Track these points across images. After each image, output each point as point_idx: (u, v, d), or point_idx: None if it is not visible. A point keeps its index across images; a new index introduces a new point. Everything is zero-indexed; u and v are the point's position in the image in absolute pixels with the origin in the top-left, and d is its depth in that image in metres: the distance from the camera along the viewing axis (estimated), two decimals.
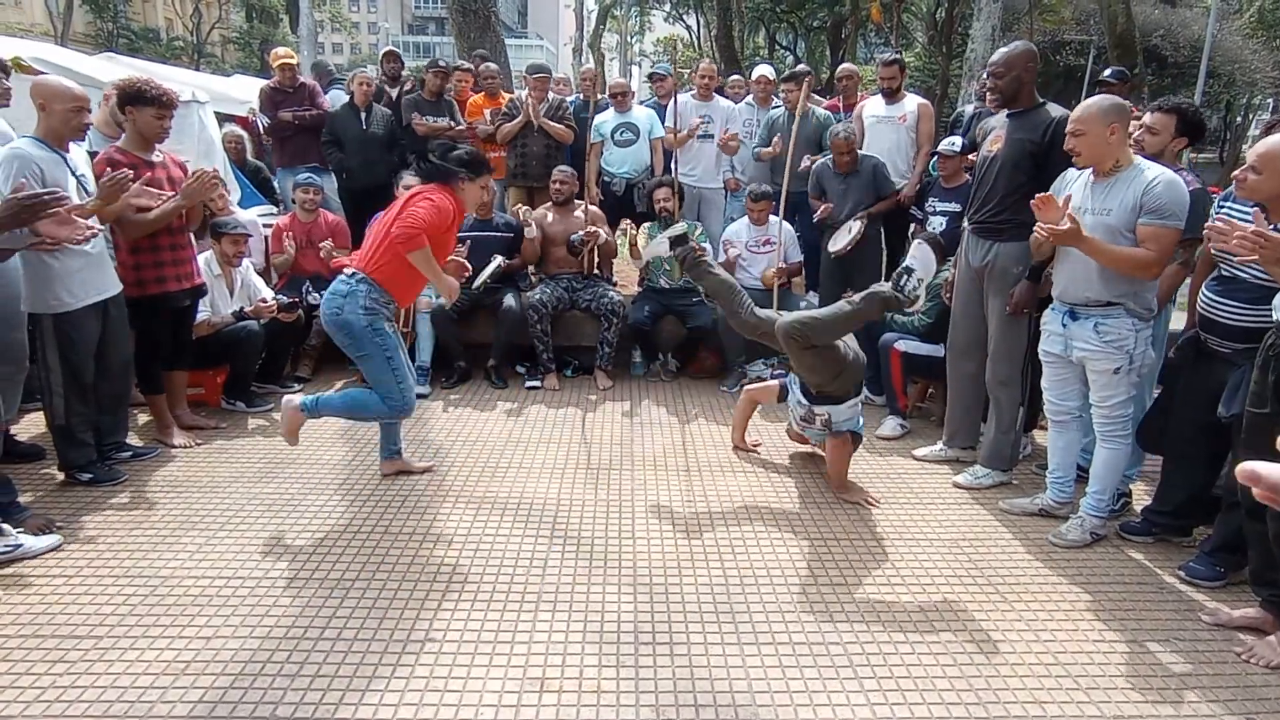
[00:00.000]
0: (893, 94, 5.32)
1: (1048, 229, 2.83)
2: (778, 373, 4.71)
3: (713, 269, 3.71)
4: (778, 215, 4.96)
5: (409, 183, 4.90)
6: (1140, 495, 3.51)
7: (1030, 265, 3.28)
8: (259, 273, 4.62)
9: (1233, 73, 19.77)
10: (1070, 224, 2.77)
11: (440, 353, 4.87)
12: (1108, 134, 2.83)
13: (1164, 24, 18.78)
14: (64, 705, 2.08)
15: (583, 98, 6.22)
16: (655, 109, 6.03)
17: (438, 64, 5.99)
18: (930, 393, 4.68)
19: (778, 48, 31.19)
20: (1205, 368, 2.85)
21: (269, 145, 6.68)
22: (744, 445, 3.97)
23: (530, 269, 5.38)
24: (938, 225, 4.60)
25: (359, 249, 3.35)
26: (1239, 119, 26.84)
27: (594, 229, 5.03)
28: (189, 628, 2.41)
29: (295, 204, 5.12)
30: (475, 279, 4.19)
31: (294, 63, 6.10)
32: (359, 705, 2.11)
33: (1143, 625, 2.58)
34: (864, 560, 2.95)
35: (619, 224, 5.51)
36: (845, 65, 7.24)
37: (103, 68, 5.65)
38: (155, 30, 40.79)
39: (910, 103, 5.33)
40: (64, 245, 2.75)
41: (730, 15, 21.93)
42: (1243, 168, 2.50)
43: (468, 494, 3.42)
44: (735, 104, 6.03)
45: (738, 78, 7.13)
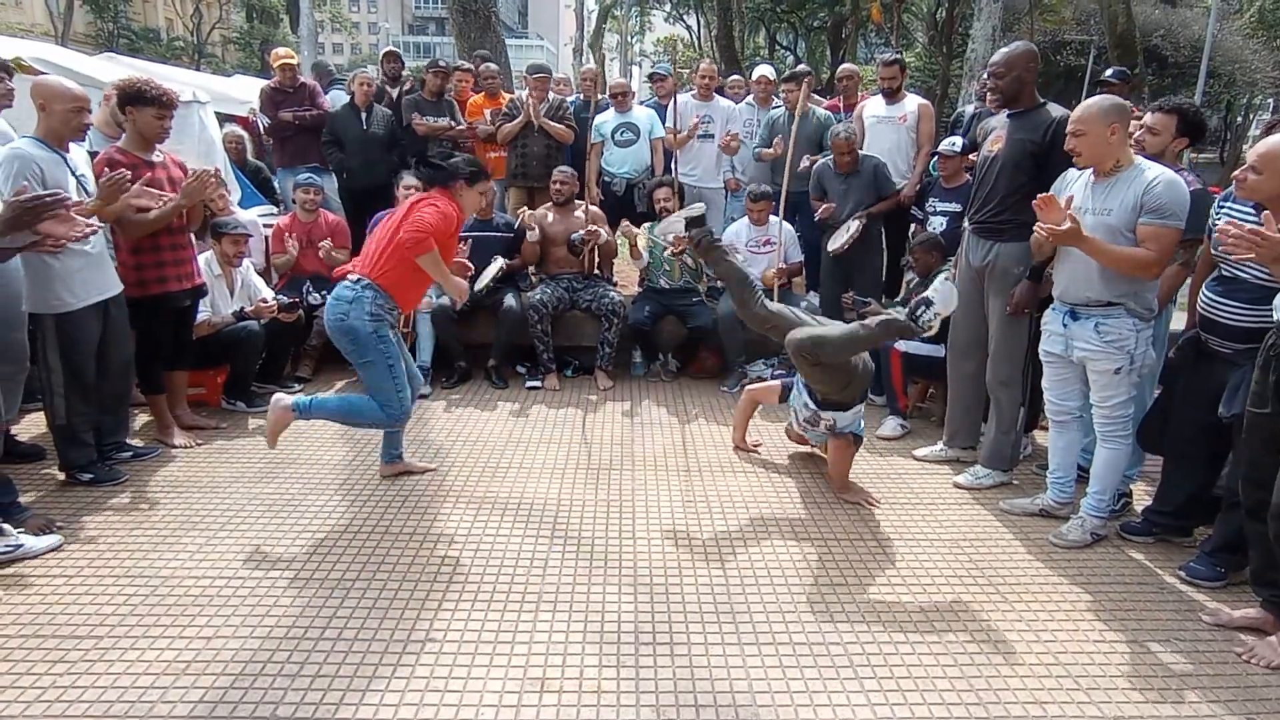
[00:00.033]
0: (893, 94, 5.32)
1: (1048, 229, 2.83)
2: (778, 373, 4.71)
3: (728, 255, 3.67)
4: (778, 215, 4.97)
5: (409, 183, 4.92)
6: (1141, 495, 3.51)
7: (1031, 265, 3.28)
8: (259, 273, 4.62)
9: (1233, 73, 19.77)
10: (1071, 224, 2.77)
11: (441, 353, 4.87)
12: (1108, 134, 2.83)
13: (1164, 24, 18.78)
14: (64, 705, 2.08)
15: (583, 98, 6.22)
16: (655, 109, 6.04)
17: (438, 64, 6.00)
18: (930, 393, 4.68)
19: (778, 48, 31.20)
20: (1205, 368, 2.85)
21: (269, 145, 6.69)
22: (745, 445, 3.97)
23: (530, 269, 5.39)
24: (938, 225, 4.61)
25: (359, 255, 3.34)
26: (1239, 119, 26.85)
27: (594, 228, 5.04)
28: (189, 628, 2.41)
29: (295, 204, 5.13)
30: (477, 281, 4.19)
31: (294, 63, 6.10)
32: (359, 705, 2.11)
33: (1143, 625, 2.58)
34: (864, 560, 2.95)
35: (619, 224, 5.50)
36: (845, 65, 7.25)
37: (103, 68, 5.66)
38: (156, 30, 40.81)
39: (911, 103, 5.33)
40: (64, 245, 2.74)
41: (730, 15, 21.95)
42: (1243, 168, 2.50)
43: (468, 494, 3.42)
44: (735, 104, 6.03)
45: (737, 78, 7.13)
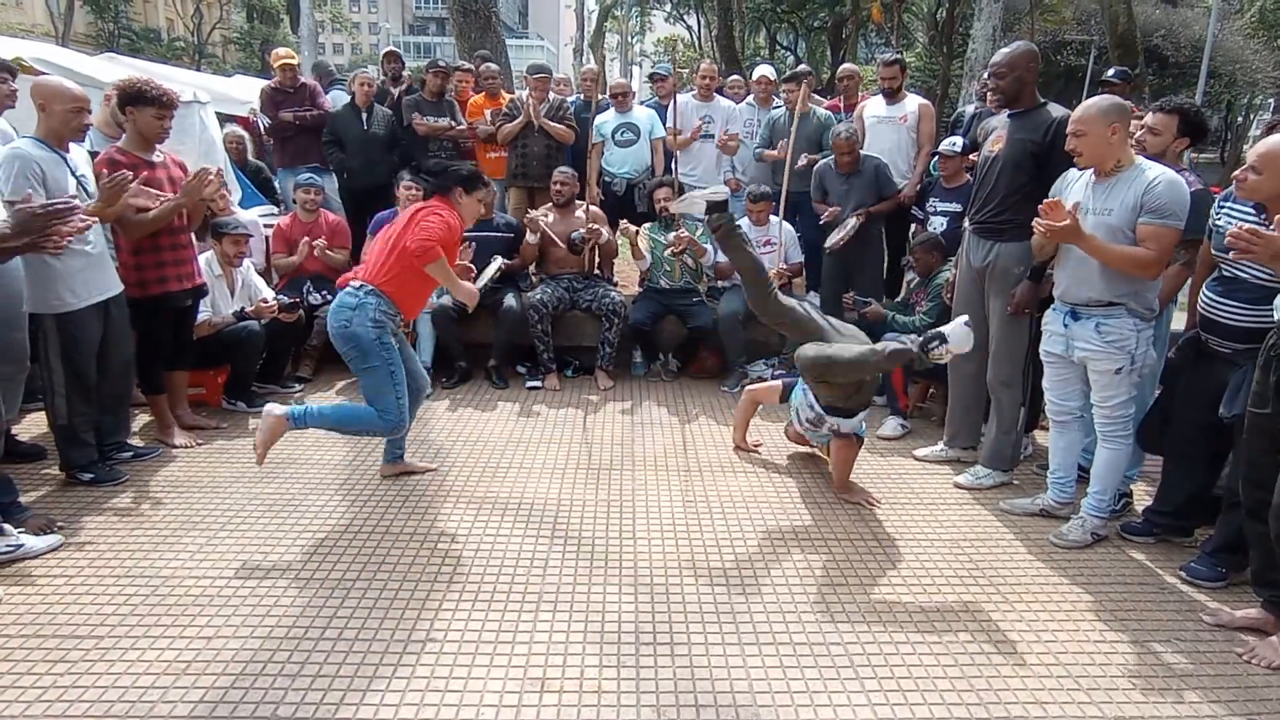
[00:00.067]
0: (893, 94, 5.32)
1: (1046, 225, 2.83)
2: (779, 373, 4.71)
3: (747, 244, 3.53)
4: (778, 216, 4.97)
5: (410, 183, 4.92)
6: (1141, 496, 3.50)
7: (1031, 265, 3.28)
8: (259, 273, 4.62)
9: (1234, 73, 19.76)
10: (1070, 221, 2.77)
11: (441, 353, 4.87)
12: (1109, 134, 2.82)
13: (1165, 24, 18.78)
14: (65, 705, 2.08)
15: (583, 98, 6.22)
16: (656, 109, 6.04)
17: (438, 64, 6.00)
18: (931, 393, 4.68)
19: (778, 48, 31.20)
20: (1206, 368, 2.85)
21: (270, 145, 6.69)
22: (745, 445, 3.97)
23: (531, 269, 5.39)
24: (938, 225, 4.61)
25: (362, 263, 3.34)
26: (1240, 119, 26.83)
27: (596, 227, 5.04)
28: (190, 628, 2.42)
29: (296, 204, 5.13)
30: (476, 281, 4.18)
31: (295, 63, 6.10)
32: (360, 705, 2.11)
33: (1144, 626, 2.58)
34: (864, 560, 2.95)
35: (619, 224, 5.51)
36: (846, 65, 7.25)
37: (104, 68, 5.66)
38: (156, 31, 40.83)
39: (911, 103, 5.33)
40: (64, 245, 2.74)
41: (731, 15, 21.95)
42: (1243, 168, 2.50)
43: (468, 494, 3.42)
44: (735, 104, 6.03)
45: (737, 78, 7.13)
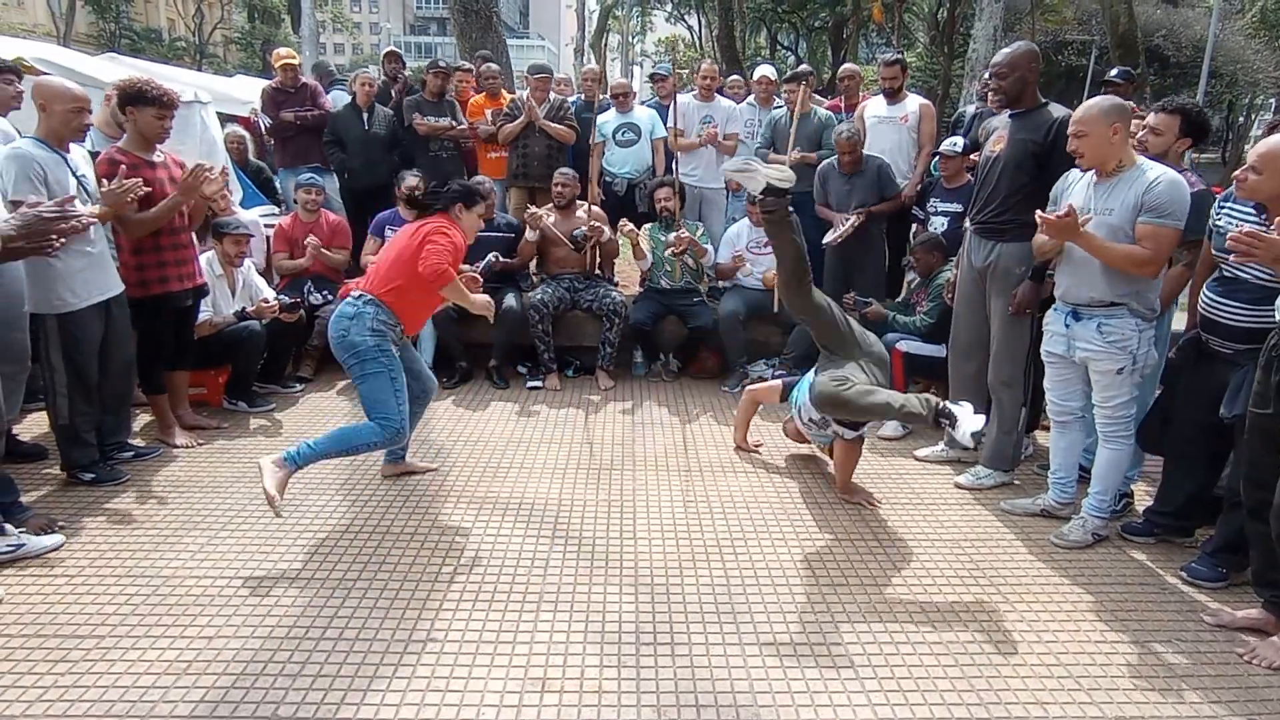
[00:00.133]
0: (894, 94, 5.32)
1: (1043, 219, 2.83)
2: (779, 373, 4.71)
3: (796, 233, 3.35)
4: None
5: (410, 183, 4.92)
6: (1142, 496, 3.50)
7: (1033, 265, 3.28)
8: (260, 273, 4.62)
9: (1235, 73, 19.73)
10: (1069, 218, 2.77)
11: (441, 353, 4.87)
12: (1110, 134, 2.82)
13: (1166, 24, 18.74)
14: (66, 705, 2.08)
15: (584, 98, 6.22)
16: (657, 109, 6.03)
17: (438, 65, 6.00)
18: (932, 393, 4.67)
19: (779, 48, 31.19)
20: (1206, 368, 2.85)
21: (271, 145, 6.69)
22: (746, 445, 3.97)
23: (532, 269, 5.39)
24: (939, 225, 4.61)
25: (364, 274, 3.32)
26: (1241, 119, 26.80)
27: (597, 225, 5.03)
28: (190, 627, 2.42)
29: (297, 204, 5.13)
30: None
31: (296, 63, 6.10)
32: (360, 705, 2.11)
33: (1144, 626, 2.58)
34: (865, 560, 2.95)
35: (620, 224, 5.50)
36: (847, 65, 7.24)
37: (105, 68, 5.67)
38: (157, 31, 40.83)
39: (912, 103, 5.32)
40: (63, 244, 2.74)
41: (732, 15, 21.95)
42: (1243, 168, 2.50)
43: (469, 494, 3.42)
44: (736, 104, 6.02)
45: (736, 78, 7.12)
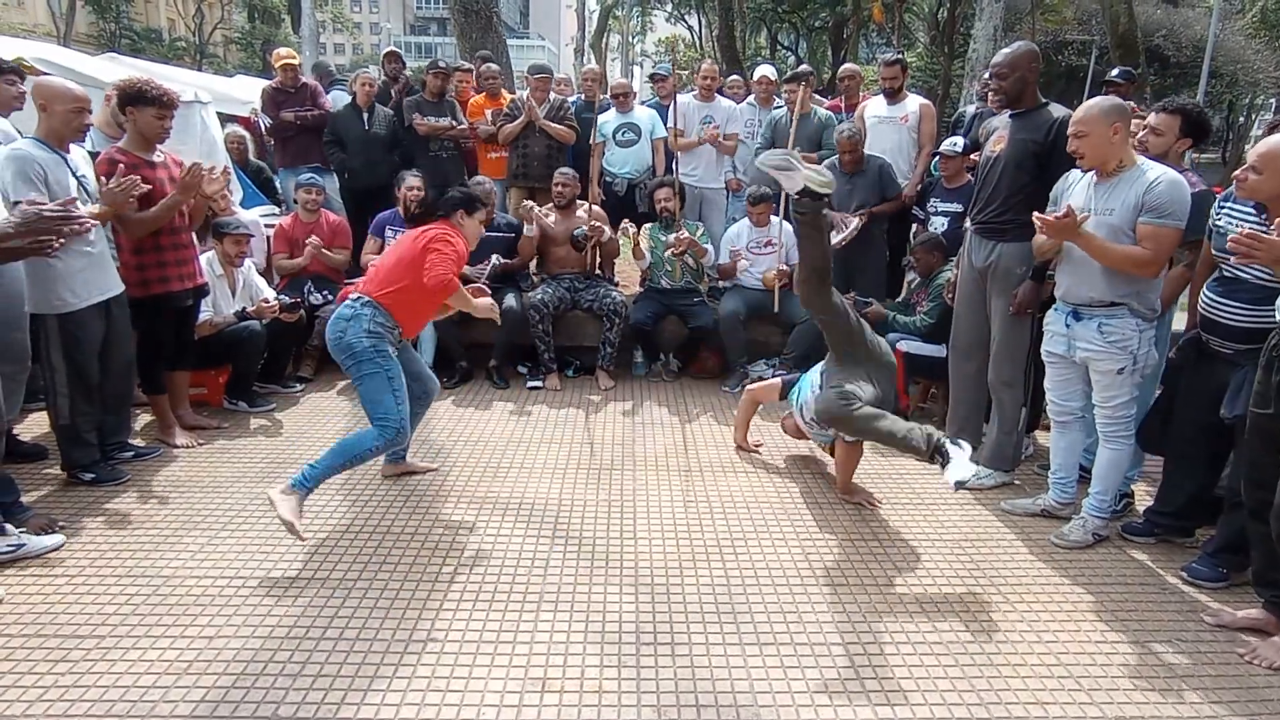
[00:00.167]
0: (894, 94, 5.32)
1: (1042, 219, 2.83)
2: (779, 372, 4.71)
3: (825, 233, 3.27)
4: (779, 216, 4.96)
5: (411, 183, 4.92)
6: (1142, 496, 3.50)
7: (1033, 265, 3.28)
8: (260, 273, 4.62)
9: (1235, 73, 19.71)
10: (1068, 218, 2.77)
11: (442, 353, 4.87)
12: (1110, 134, 2.82)
13: (1166, 24, 18.72)
14: (66, 705, 2.08)
15: (584, 98, 6.22)
16: (657, 109, 6.03)
17: (438, 65, 6.00)
18: (932, 393, 4.67)
19: (779, 48, 31.17)
20: (1206, 368, 2.85)
21: (271, 146, 6.69)
22: (746, 445, 3.97)
23: (532, 269, 5.39)
24: (939, 225, 4.61)
25: (364, 276, 3.30)
26: (1241, 119, 26.78)
27: (598, 224, 5.03)
28: (191, 627, 2.42)
29: (297, 204, 5.13)
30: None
31: (296, 63, 6.10)
32: (360, 705, 2.11)
33: (1145, 626, 2.58)
34: (865, 561, 2.95)
35: (621, 223, 5.51)
36: (847, 65, 7.24)
37: (105, 68, 5.68)
38: (158, 31, 40.83)
39: (912, 103, 5.32)
40: (60, 243, 2.74)
41: (732, 15, 21.93)
42: (1243, 167, 2.50)
43: (469, 494, 3.42)
44: (736, 104, 6.02)
45: (736, 78, 7.11)
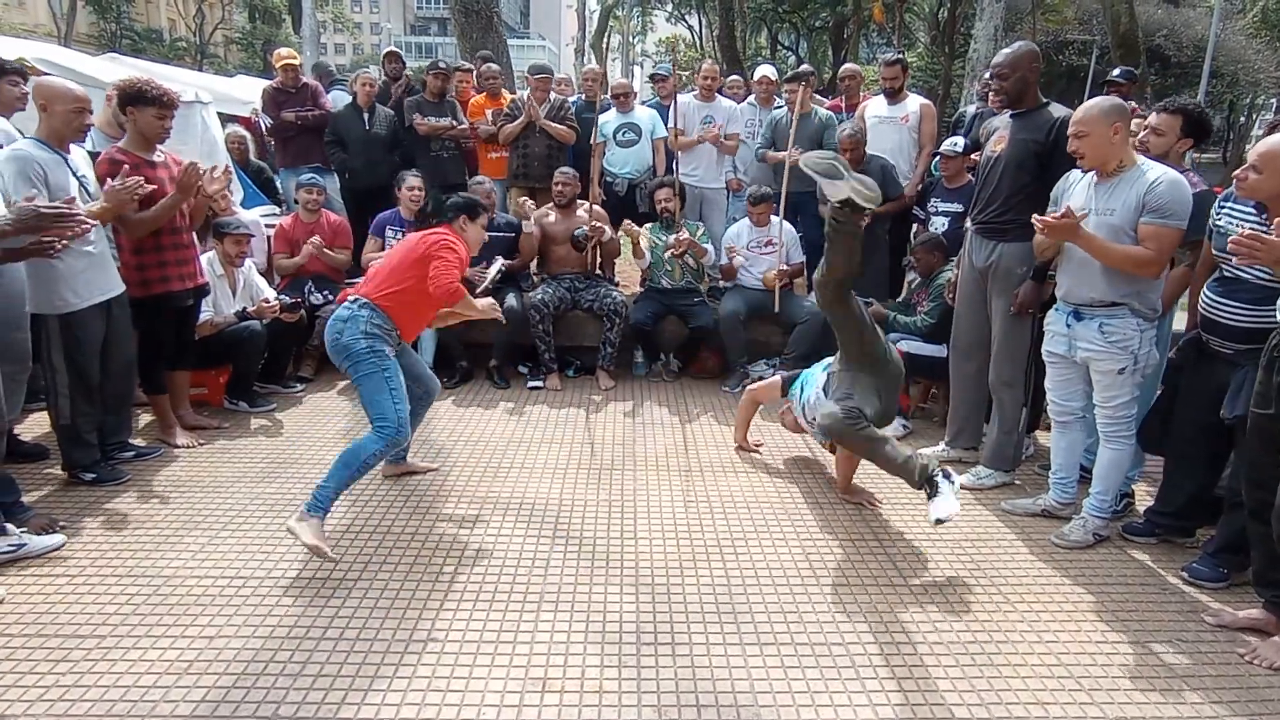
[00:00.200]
0: (895, 94, 5.32)
1: (1044, 222, 2.83)
2: (780, 372, 4.70)
3: (858, 239, 3.13)
4: (779, 216, 4.96)
5: (412, 184, 4.92)
6: (1143, 496, 3.50)
7: (1034, 265, 3.28)
8: (261, 273, 4.62)
9: (1236, 73, 19.69)
10: (1068, 219, 2.77)
11: (442, 352, 4.87)
12: (1111, 134, 2.82)
13: (1167, 24, 18.71)
14: (67, 704, 2.08)
15: (585, 98, 6.22)
16: (657, 109, 6.03)
17: (438, 66, 6.00)
18: (933, 393, 4.67)
19: (780, 48, 31.14)
20: (1206, 368, 2.85)
21: (272, 146, 6.70)
22: (747, 445, 3.97)
23: (533, 269, 5.38)
24: (940, 225, 4.60)
25: (363, 278, 3.29)
26: (1242, 119, 26.76)
27: (598, 225, 5.03)
28: (191, 627, 2.42)
29: (298, 204, 5.13)
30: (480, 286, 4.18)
31: (297, 63, 6.10)
32: (361, 705, 2.11)
33: (1145, 626, 2.58)
34: (865, 560, 2.95)
35: (622, 223, 5.50)
36: (848, 65, 7.24)
37: (106, 68, 5.68)
38: (158, 31, 40.83)
39: (912, 103, 5.33)
40: (65, 246, 2.75)
41: (732, 15, 21.91)
42: (1243, 167, 2.50)
43: (469, 494, 3.42)
44: (736, 104, 6.02)
45: (736, 78, 7.11)
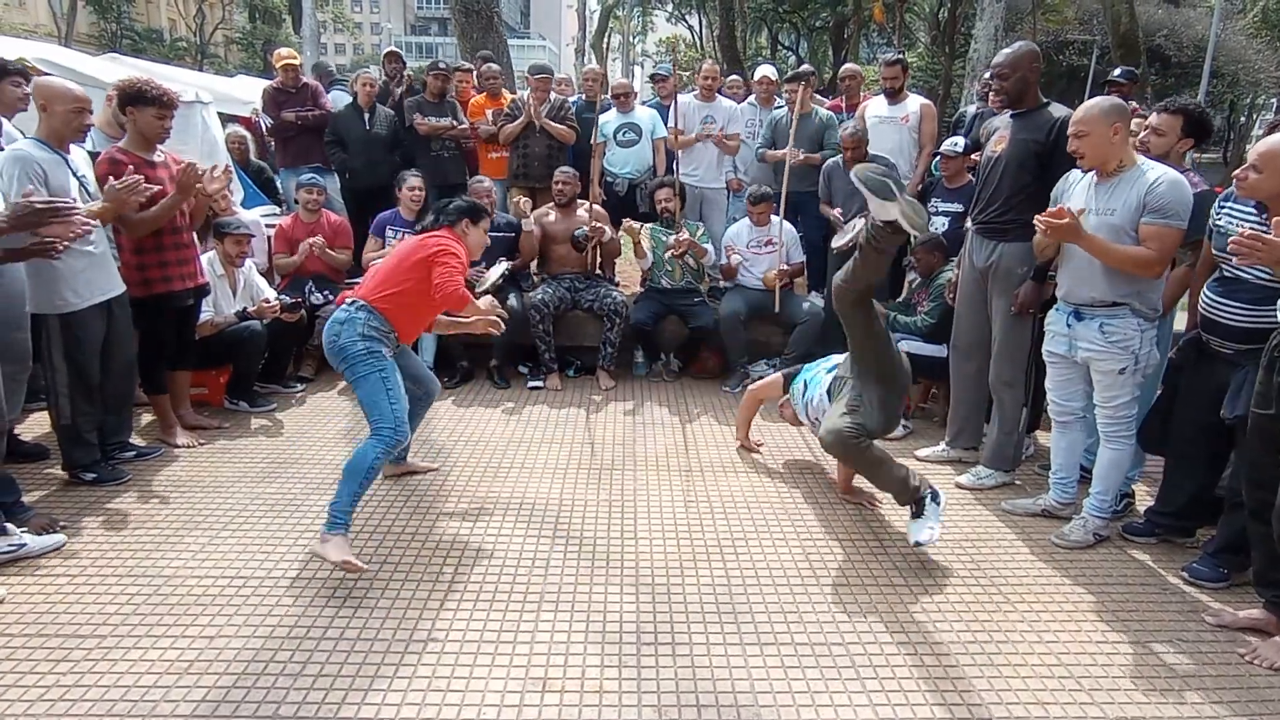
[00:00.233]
0: (895, 94, 5.32)
1: (1046, 224, 2.83)
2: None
3: (886, 258, 3.09)
4: (779, 215, 4.96)
5: (413, 184, 4.92)
6: (1143, 496, 3.50)
7: (1035, 265, 3.28)
8: (261, 273, 4.63)
9: (1236, 73, 19.68)
10: (1070, 220, 2.77)
11: (443, 353, 4.87)
12: (1111, 134, 2.82)
13: (1167, 24, 18.70)
14: (67, 704, 2.09)
15: (585, 98, 6.22)
16: (657, 109, 6.03)
17: (438, 66, 6.00)
18: (933, 393, 4.67)
19: (780, 48, 31.14)
20: (1206, 368, 2.85)
21: (272, 146, 6.70)
22: (749, 444, 3.96)
23: (533, 269, 5.38)
24: (940, 225, 4.60)
25: (361, 281, 3.27)
26: (1243, 119, 26.75)
27: (599, 225, 5.03)
28: (192, 627, 2.42)
29: (298, 204, 5.13)
30: (482, 284, 4.18)
31: (297, 63, 6.10)
32: (361, 705, 2.11)
33: (1145, 626, 2.58)
34: (865, 560, 2.95)
35: (622, 222, 5.51)
36: (848, 65, 7.24)
37: (106, 68, 5.68)
38: (159, 31, 40.83)
39: (913, 103, 5.32)
40: (66, 247, 2.76)
41: (733, 15, 21.91)
42: (1243, 167, 2.50)
43: (470, 494, 3.42)
44: (736, 104, 6.02)
45: (735, 78, 7.11)
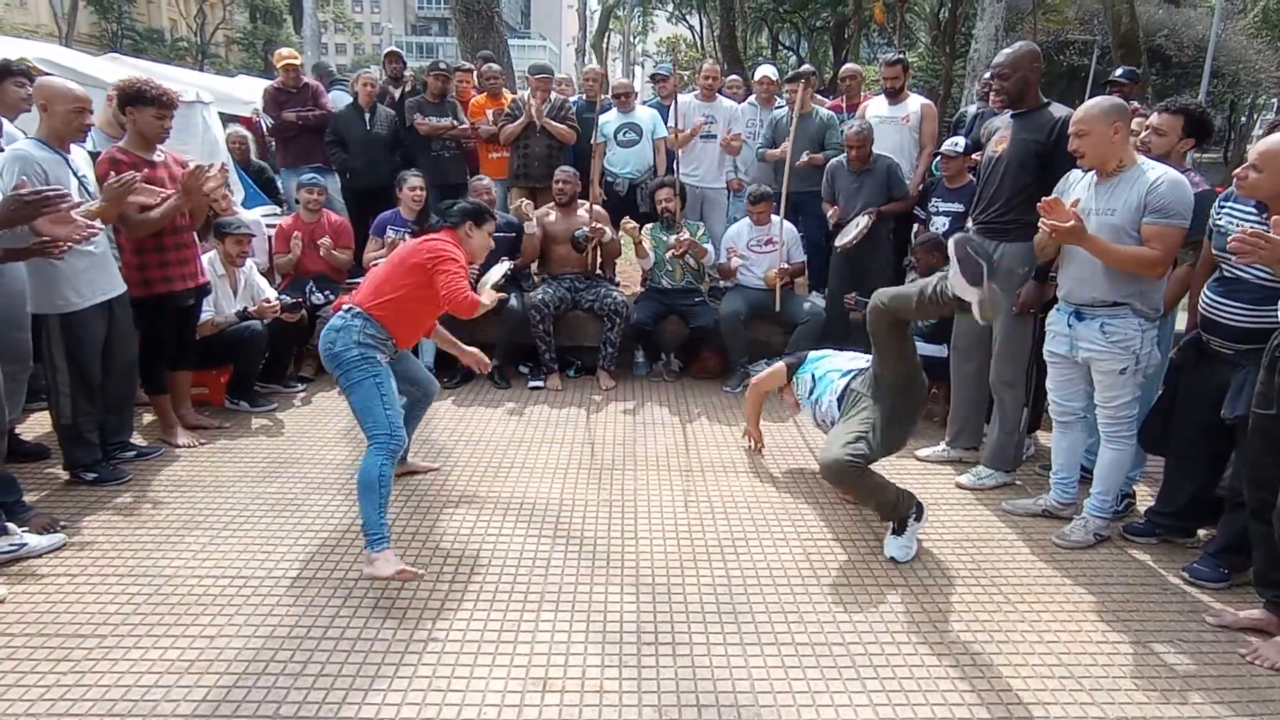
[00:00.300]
0: (896, 94, 5.32)
1: (1050, 225, 2.83)
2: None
3: (936, 313, 3.18)
4: (779, 215, 4.96)
5: (414, 184, 4.92)
6: (1143, 496, 3.50)
7: (1036, 265, 3.27)
8: (262, 273, 4.63)
9: (1237, 73, 19.67)
10: (1074, 222, 2.77)
11: (442, 353, 4.85)
12: (1111, 133, 2.82)
13: (1168, 24, 18.69)
14: (68, 704, 2.09)
15: (586, 98, 6.22)
16: (658, 109, 6.03)
17: (439, 66, 6.01)
18: (933, 393, 4.66)
19: (781, 48, 31.15)
20: (1207, 368, 2.85)
21: (273, 146, 6.70)
22: (759, 436, 3.95)
23: (533, 269, 5.38)
24: (941, 225, 4.60)
25: (359, 286, 3.25)
26: (1243, 119, 26.74)
27: (599, 225, 5.03)
28: (192, 627, 2.42)
29: (299, 204, 5.13)
30: (483, 284, 4.18)
31: (298, 63, 6.10)
32: (362, 705, 2.11)
33: (1146, 626, 2.58)
34: (865, 560, 2.95)
35: (623, 221, 5.50)
36: (848, 65, 7.23)
37: (107, 68, 5.68)
38: (159, 31, 40.84)
39: (913, 103, 5.32)
40: (68, 248, 2.77)
41: (733, 15, 21.90)
42: (1243, 166, 2.50)
43: (470, 494, 3.42)
44: (737, 104, 6.02)
45: (735, 78, 7.11)
